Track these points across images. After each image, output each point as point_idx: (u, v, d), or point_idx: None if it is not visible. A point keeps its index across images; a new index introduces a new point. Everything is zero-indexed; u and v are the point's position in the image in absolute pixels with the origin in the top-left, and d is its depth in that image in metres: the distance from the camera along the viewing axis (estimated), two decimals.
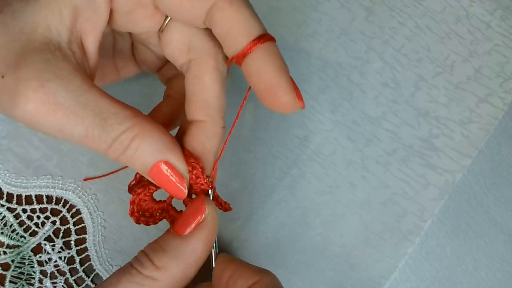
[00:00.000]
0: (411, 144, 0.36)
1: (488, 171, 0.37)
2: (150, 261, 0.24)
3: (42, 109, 0.22)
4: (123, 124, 0.23)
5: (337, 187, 0.35)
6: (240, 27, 0.24)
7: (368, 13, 0.37)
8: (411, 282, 0.35)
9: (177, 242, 0.25)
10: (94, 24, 0.24)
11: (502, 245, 0.36)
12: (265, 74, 0.24)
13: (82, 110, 0.22)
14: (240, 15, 0.24)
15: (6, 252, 0.33)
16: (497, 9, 0.38)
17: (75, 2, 0.23)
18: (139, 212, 0.27)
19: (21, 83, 0.22)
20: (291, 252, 0.35)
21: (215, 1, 0.23)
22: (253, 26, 0.24)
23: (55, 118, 0.22)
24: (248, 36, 0.24)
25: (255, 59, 0.24)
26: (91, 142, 0.23)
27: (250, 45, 0.23)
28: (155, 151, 0.24)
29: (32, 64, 0.22)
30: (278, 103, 0.24)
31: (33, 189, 0.33)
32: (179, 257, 0.24)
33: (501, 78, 0.37)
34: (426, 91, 0.37)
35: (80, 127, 0.22)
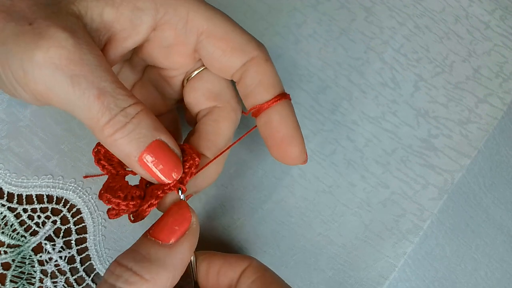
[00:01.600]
0: (410, 144, 0.36)
1: (487, 171, 0.37)
2: (137, 275, 0.22)
3: (66, 57, 0.21)
4: (131, 98, 0.23)
5: (336, 187, 0.35)
6: (269, 83, 0.27)
7: (368, 13, 0.37)
8: (410, 282, 0.35)
9: (164, 251, 0.23)
10: (124, 38, 0.25)
11: (501, 245, 0.36)
12: (285, 127, 0.27)
13: (101, 72, 0.22)
14: (271, 72, 0.27)
15: (6, 251, 0.33)
16: (497, 9, 0.38)
17: (121, 9, 0.24)
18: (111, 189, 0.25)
19: (53, 28, 0.21)
20: (291, 252, 0.35)
21: (254, 56, 0.27)
22: (277, 84, 0.27)
23: (75, 69, 0.21)
24: (273, 92, 0.27)
25: (277, 112, 0.27)
26: (98, 107, 0.22)
27: (274, 100, 0.27)
28: (154, 129, 0.24)
29: (66, 20, 0.22)
30: (289, 154, 0.27)
31: (33, 189, 0.34)
32: (168, 267, 0.23)
33: (500, 78, 0.37)
34: (425, 91, 0.37)
35: (94, 86, 0.22)
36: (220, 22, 0.26)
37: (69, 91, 0.22)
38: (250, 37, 0.27)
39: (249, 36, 0.27)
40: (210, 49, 0.26)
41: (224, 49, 0.26)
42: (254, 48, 0.27)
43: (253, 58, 0.27)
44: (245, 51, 0.26)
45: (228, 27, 0.26)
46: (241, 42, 0.26)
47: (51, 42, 0.21)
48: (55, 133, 0.34)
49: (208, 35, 0.26)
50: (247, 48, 0.26)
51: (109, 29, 0.24)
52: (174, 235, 0.24)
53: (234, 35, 0.26)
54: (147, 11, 0.25)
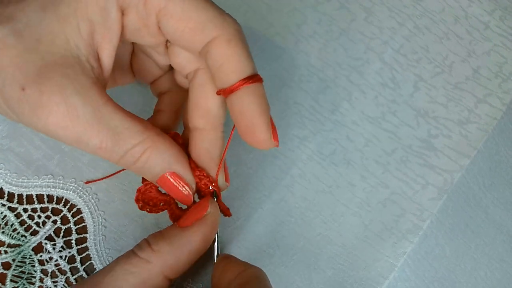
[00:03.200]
0: (410, 144, 0.36)
1: (486, 171, 0.37)
2: (148, 245, 0.26)
3: (62, 122, 0.23)
4: (134, 138, 0.25)
5: (336, 187, 0.35)
6: (233, 65, 0.25)
7: (368, 13, 0.37)
8: (410, 282, 0.35)
9: (175, 231, 0.27)
10: (109, 39, 0.25)
11: (500, 245, 0.36)
12: (248, 113, 0.25)
13: (98, 124, 0.24)
14: (235, 53, 0.25)
15: (7, 251, 0.33)
16: (496, 9, 0.38)
17: (91, 17, 0.24)
18: (144, 200, 0.29)
19: (44, 97, 0.23)
20: (291, 252, 0.35)
21: (215, 36, 0.25)
22: (244, 66, 0.25)
23: (74, 130, 0.23)
24: (238, 75, 0.25)
25: (241, 97, 0.25)
26: (104, 153, 0.24)
27: (239, 84, 0.25)
28: (163, 163, 0.26)
29: (54, 78, 0.23)
30: (255, 140, 0.26)
31: (34, 189, 0.34)
32: (174, 244, 0.26)
33: (500, 78, 0.37)
34: (425, 92, 0.37)
35: (95, 139, 0.24)
36: (178, 0, 0.25)
37: (76, 145, 0.24)
38: (214, 15, 0.25)
39: (213, 14, 0.25)
40: (169, 29, 0.25)
41: (182, 30, 0.25)
42: (216, 27, 0.25)
43: (214, 39, 0.25)
44: (204, 31, 0.25)
45: (188, 5, 0.25)
46: (201, 21, 0.25)
47: (47, 113, 0.23)
48: None
49: (166, 14, 0.25)
50: (207, 27, 0.25)
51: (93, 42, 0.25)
52: (188, 220, 0.27)
53: (194, 14, 0.25)
54: (111, 6, 0.24)
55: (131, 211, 0.34)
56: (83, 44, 0.24)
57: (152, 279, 0.25)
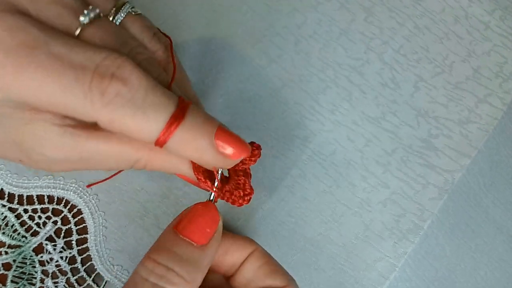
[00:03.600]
0: (410, 144, 0.36)
1: (487, 171, 0.37)
2: (180, 277, 0.23)
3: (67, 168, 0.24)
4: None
5: (337, 187, 0.35)
6: (135, 136, 0.22)
7: (368, 13, 0.37)
8: (410, 282, 0.35)
9: (198, 252, 0.24)
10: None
11: (501, 244, 0.36)
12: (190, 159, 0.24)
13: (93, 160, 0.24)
14: (127, 127, 0.22)
15: (7, 252, 0.33)
16: (496, 9, 0.38)
17: None
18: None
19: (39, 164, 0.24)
20: (291, 252, 0.35)
21: (96, 119, 0.21)
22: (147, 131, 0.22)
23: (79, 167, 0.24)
24: (148, 141, 0.22)
25: (172, 149, 0.23)
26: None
27: (158, 144, 0.22)
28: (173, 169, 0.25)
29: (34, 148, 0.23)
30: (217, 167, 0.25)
31: (34, 189, 0.34)
32: (203, 268, 0.24)
33: (500, 78, 0.37)
34: (425, 92, 0.37)
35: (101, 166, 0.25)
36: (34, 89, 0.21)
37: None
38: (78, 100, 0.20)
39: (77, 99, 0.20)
40: None
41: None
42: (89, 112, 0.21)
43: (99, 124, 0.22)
44: (81, 117, 0.21)
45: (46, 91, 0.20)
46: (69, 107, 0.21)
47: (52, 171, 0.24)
48: None
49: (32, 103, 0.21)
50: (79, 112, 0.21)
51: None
52: (207, 237, 0.25)
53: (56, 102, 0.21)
54: None
55: (131, 212, 0.34)
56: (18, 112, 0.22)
57: None
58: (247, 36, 0.37)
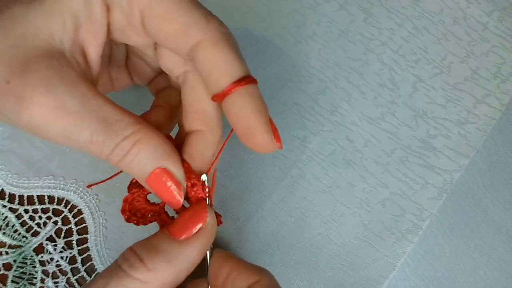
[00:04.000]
0: (409, 145, 0.36)
1: (485, 171, 0.37)
2: (141, 262, 0.23)
3: (49, 114, 0.22)
4: (126, 130, 0.23)
5: (336, 187, 0.36)
6: (222, 68, 0.24)
7: (367, 14, 0.38)
8: (410, 281, 0.36)
9: (172, 245, 0.24)
10: (95, 35, 0.24)
11: (500, 244, 0.37)
12: (244, 116, 0.24)
13: (88, 116, 0.22)
14: (223, 56, 0.24)
15: (8, 252, 0.33)
16: (494, 10, 0.38)
17: (75, 12, 0.23)
18: (131, 211, 0.26)
19: (29, 88, 0.22)
20: (291, 252, 0.35)
21: (200, 39, 0.23)
22: (235, 68, 0.24)
23: (61, 123, 0.22)
24: (229, 77, 0.24)
25: (235, 100, 0.24)
26: (94, 147, 0.23)
27: (231, 87, 0.24)
28: (154, 157, 0.24)
29: (39, 70, 0.22)
30: (256, 144, 0.24)
31: (35, 190, 0.34)
32: (173, 261, 0.23)
33: (498, 79, 0.37)
34: (424, 92, 0.37)
35: (85, 132, 0.22)
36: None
37: (64, 140, 0.23)
38: (199, 17, 0.24)
39: (198, 16, 0.24)
40: (153, 30, 0.24)
41: (166, 31, 0.24)
42: (201, 30, 0.23)
43: (200, 42, 0.24)
44: (188, 34, 0.23)
45: (172, 5, 0.23)
46: (184, 23, 0.23)
47: (31, 104, 0.22)
48: None
49: (149, 14, 0.24)
50: (191, 30, 0.23)
51: (78, 37, 0.24)
52: (186, 232, 0.24)
53: (178, 15, 0.23)
54: (95, 1, 0.24)
55: None
56: (68, 39, 0.23)
57: None
58: (246, 36, 0.37)
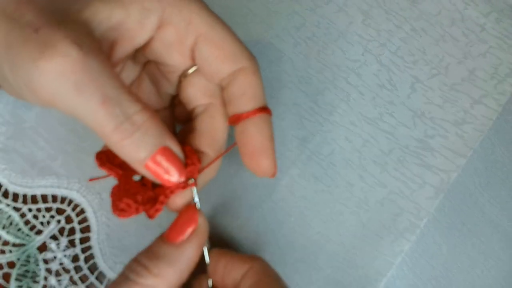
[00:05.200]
0: (407, 144, 0.36)
1: (482, 171, 0.37)
2: (146, 269, 0.25)
3: (69, 66, 0.21)
4: (137, 104, 0.23)
5: (335, 186, 0.36)
6: (253, 95, 0.27)
7: (365, 16, 0.38)
8: (407, 279, 0.36)
9: (171, 249, 0.26)
10: (132, 37, 0.25)
11: (497, 243, 0.37)
12: (258, 139, 0.27)
13: (106, 79, 0.22)
14: (257, 84, 0.27)
15: (11, 250, 0.33)
16: (492, 12, 0.38)
17: (129, 10, 0.24)
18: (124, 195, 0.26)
19: (57, 37, 0.21)
20: (290, 251, 0.35)
21: (243, 66, 0.27)
22: (261, 97, 0.28)
23: (79, 76, 0.21)
24: (256, 103, 0.27)
25: (256, 123, 0.27)
26: (103, 113, 0.22)
27: (254, 112, 0.27)
28: (160, 136, 0.24)
29: (72, 27, 0.22)
30: (259, 166, 0.27)
31: (38, 189, 0.34)
32: (175, 264, 0.25)
33: (495, 79, 0.37)
34: (421, 93, 0.37)
35: (99, 94, 0.22)
36: (219, 29, 0.27)
37: (73, 99, 0.22)
38: (244, 48, 0.27)
39: (243, 47, 0.27)
40: (205, 52, 0.27)
41: (217, 55, 0.27)
42: (246, 59, 0.27)
43: (243, 68, 0.27)
44: (236, 60, 0.27)
45: (226, 35, 0.27)
46: (234, 51, 0.27)
47: (55, 51, 0.21)
48: (60, 134, 0.34)
49: (205, 39, 0.26)
50: (239, 57, 0.27)
51: (117, 30, 0.24)
52: (181, 235, 0.26)
53: (229, 44, 0.27)
54: (154, 11, 0.25)
55: None
56: (105, 27, 0.24)
57: None
58: (246, 37, 0.37)
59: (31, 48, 0.21)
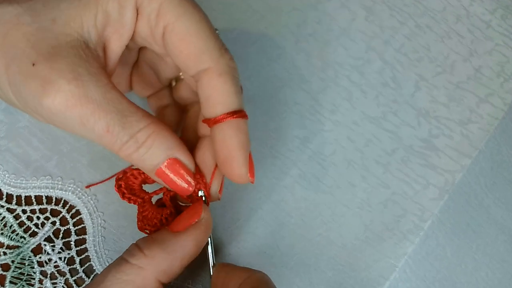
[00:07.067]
0: (411, 144, 0.36)
1: (488, 171, 0.37)
2: (140, 250, 0.26)
3: (71, 100, 0.23)
4: (141, 122, 0.24)
5: (337, 187, 0.35)
6: (220, 98, 0.26)
7: (368, 12, 0.37)
8: (411, 282, 0.35)
9: (168, 235, 0.26)
10: (120, 35, 0.26)
11: (502, 245, 0.36)
12: (228, 146, 0.26)
13: (107, 106, 0.23)
14: (224, 87, 0.26)
15: (6, 252, 0.33)
16: (498, 8, 0.38)
17: (108, 10, 0.25)
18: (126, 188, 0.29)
19: (55, 72, 0.22)
20: (291, 253, 0.35)
21: (208, 67, 0.25)
22: (231, 100, 0.26)
23: (82, 110, 0.23)
24: (224, 108, 0.26)
25: (224, 130, 0.26)
26: (109, 138, 0.24)
27: (223, 116, 0.26)
28: (167, 149, 0.25)
29: (67, 57, 0.23)
30: (231, 174, 0.27)
31: (32, 190, 0.33)
32: (168, 249, 0.26)
33: (502, 78, 0.37)
34: (426, 91, 0.37)
35: (102, 122, 0.23)
36: (188, 21, 0.25)
37: (79, 128, 0.24)
38: (213, 45, 0.26)
39: (213, 45, 0.26)
40: (170, 46, 0.26)
41: (180, 50, 0.25)
42: (212, 59, 0.25)
43: (207, 69, 0.26)
44: (201, 60, 0.25)
45: (193, 29, 0.25)
46: (200, 48, 0.25)
47: (55, 88, 0.22)
48: (54, 134, 0.34)
49: (172, 31, 0.25)
50: (203, 57, 0.25)
51: (104, 33, 0.25)
52: (181, 225, 0.27)
53: (195, 39, 0.25)
54: (128, 5, 0.25)
55: (130, 212, 0.34)
56: (95, 33, 0.25)
57: (146, 285, 0.25)
58: (246, 35, 0.37)
59: (33, 84, 0.23)
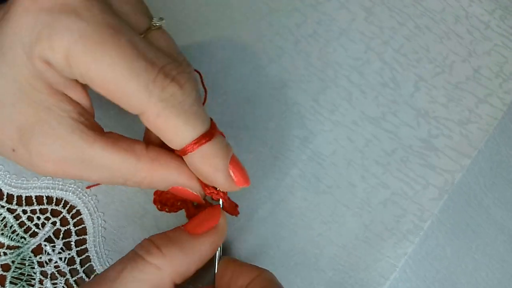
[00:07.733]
0: (410, 145, 0.36)
1: (487, 171, 0.37)
2: (157, 248, 0.25)
3: (59, 170, 0.25)
4: (129, 172, 0.25)
5: (337, 187, 0.35)
6: (169, 136, 0.25)
7: (368, 13, 0.37)
8: (411, 282, 0.35)
9: (186, 237, 0.26)
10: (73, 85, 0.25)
11: (502, 245, 0.36)
12: (203, 173, 0.26)
13: (90, 166, 0.25)
14: (168, 125, 0.24)
15: (6, 253, 0.33)
16: (496, 9, 0.38)
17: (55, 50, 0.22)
18: (161, 201, 0.30)
19: (33, 157, 0.24)
20: (291, 253, 0.35)
21: (144, 110, 0.23)
22: (182, 135, 0.24)
23: (72, 173, 0.25)
24: (178, 144, 0.25)
25: (193, 159, 0.26)
26: (108, 183, 0.26)
27: (184, 149, 0.25)
28: (166, 181, 0.27)
29: (34, 137, 0.24)
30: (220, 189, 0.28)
31: (33, 190, 0.33)
32: (186, 251, 0.26)
33: (500, 78, 0.37)
34: (425, 92, 0.37)
35: (94, 177, 0.25)
36: (99, 70, 0.22)
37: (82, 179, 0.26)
38: (138, 87, 0.22)
39: (136, 86, 0.22)
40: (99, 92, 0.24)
41: (107, 96, 0.23)
42: (141, 103, 0.23)
43: (142, 114, 0.24)
44: (130, 107, 0.23)
45: (110, 77, 0.22)
46: (123, 95, 0.23)
47: (42, 166, 0.24)
48: None
49: (90, 82, 0.23)
50: (132, 103, 0.23)
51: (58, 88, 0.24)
52: (200, 228, 0.27)
53: (115, 87, 0.22)
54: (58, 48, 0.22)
55: (130, 212, 0.34)
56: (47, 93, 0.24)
57: (161, 286, 0.25)
58: (246, 35, 0.37)
59: (21, 163, 0.25)
